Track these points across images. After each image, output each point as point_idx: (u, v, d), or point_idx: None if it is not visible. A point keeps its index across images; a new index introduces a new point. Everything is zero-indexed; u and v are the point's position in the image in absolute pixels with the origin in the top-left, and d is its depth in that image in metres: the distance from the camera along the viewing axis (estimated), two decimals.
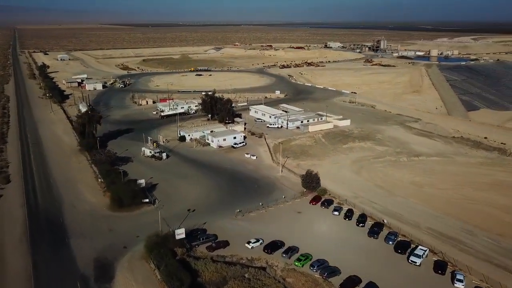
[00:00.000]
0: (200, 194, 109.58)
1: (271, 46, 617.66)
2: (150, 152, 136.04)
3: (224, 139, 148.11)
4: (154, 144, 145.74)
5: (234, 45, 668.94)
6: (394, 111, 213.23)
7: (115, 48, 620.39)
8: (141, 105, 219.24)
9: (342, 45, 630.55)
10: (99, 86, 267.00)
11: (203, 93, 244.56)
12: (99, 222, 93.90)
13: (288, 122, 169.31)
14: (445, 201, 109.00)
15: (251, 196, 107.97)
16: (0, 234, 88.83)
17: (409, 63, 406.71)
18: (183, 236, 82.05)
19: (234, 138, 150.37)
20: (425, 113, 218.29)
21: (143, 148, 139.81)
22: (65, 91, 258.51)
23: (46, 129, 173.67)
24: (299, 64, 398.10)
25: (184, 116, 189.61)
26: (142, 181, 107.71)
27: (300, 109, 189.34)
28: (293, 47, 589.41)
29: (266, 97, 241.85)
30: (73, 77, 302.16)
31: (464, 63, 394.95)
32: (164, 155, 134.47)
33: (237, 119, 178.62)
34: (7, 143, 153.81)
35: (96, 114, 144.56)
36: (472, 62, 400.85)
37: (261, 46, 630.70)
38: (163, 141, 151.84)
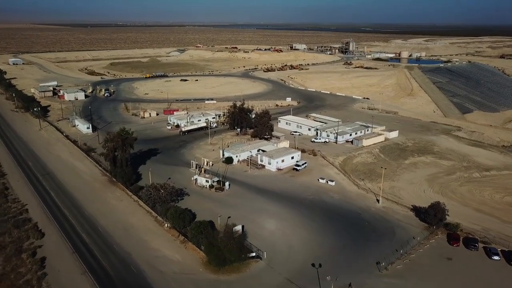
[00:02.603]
0: (306, 238, 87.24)
1: (236, 47, 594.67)
2: (207, 181, 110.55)
3: (283, 160, 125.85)
4: (203, 169, 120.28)
5: (197, 46, 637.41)
6: (421, 118, 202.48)
7: (67, 51, 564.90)
8: (144, 117, 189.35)
9: (306, 46, 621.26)
10: (80, 96, 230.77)
11: (205, 101, 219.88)
12: None
13: (338, 136, 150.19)
14: None
15: (370, 238, 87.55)
16: None
17: (389, 65, 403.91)
18: None
19: (292, 158, 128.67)
20: (452, 119, 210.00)
21: (195, 176, 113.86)
22: (39, 102, 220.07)
23: (46, 153, 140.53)
24: (282, 67, 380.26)
25: (207, 130, 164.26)
26: (239, 228, 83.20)
27: (338, 119, 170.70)
28: (260, 49, 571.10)
29: (277, 105, 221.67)
30: (41, 84, 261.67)
31: (442, 65, 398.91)
32: (227, 184, 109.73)
33: (274, 133, 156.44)
34: (6, 175, 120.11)
35: (130, 136, 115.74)
36: (449, 64, 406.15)
37: (226, 48, 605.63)
38: (208, 165, 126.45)
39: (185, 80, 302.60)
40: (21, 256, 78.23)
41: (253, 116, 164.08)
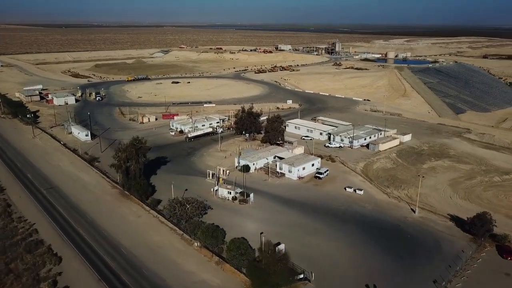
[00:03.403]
0: (349, 254, 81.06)
1: (221, 48, 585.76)
2: (229, 192, 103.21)
3: (304, 168, 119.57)
4: (220, 179, 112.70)
5: (180, 47, 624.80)
6: (426, 119, 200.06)
7: (46, 52, 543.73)
8: (142, 123, 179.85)
9: (291, 47, 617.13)
10: (71, 100, 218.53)
11: (203, 104, 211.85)
12: None
13: (353, 140, 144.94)
14: None
15: (417, 252, 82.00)
16: None
17: (379, 66, 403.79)
18: None
19: (313, 165, 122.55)
20: (456, 121, 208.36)
21: (215, 187, 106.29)
22: (27, 107, 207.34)
23: (44, 163, 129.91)
24: (272, 68, 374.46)
25: (213, 136, 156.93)
26: (282, 247, 76.30)
27: (349, 123, 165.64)
28: (246, 50, 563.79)
29: (278, 108, 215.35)
30: (25, 88, 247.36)
31: (430, 65, 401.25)
32: (251, 196, 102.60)
33: (287, 138, 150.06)
34: (5, 189, 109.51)
35: (143, 145, 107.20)
36: (437, 64, 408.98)
37: (211, 48, 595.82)
38: (224, 174, 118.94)
39: (177, 82, 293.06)
40: (40, 286, 69.29)
41: (261, 119, 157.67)
